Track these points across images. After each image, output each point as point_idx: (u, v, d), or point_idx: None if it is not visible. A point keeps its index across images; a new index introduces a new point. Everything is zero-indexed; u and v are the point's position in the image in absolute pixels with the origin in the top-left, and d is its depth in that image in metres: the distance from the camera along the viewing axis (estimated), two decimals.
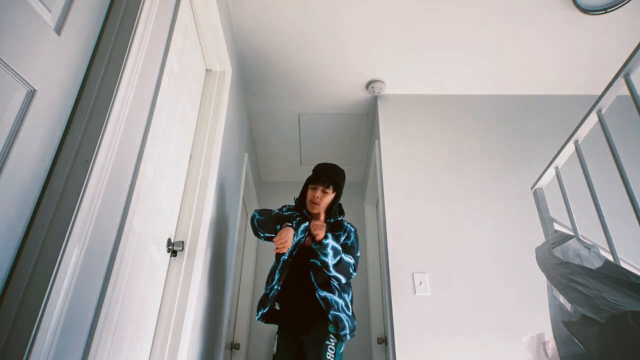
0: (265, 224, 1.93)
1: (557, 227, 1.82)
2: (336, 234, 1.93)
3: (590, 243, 1.54)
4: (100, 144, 0.97)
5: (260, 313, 1.89)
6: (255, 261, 3.83)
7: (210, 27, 2.06)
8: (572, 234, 1.63)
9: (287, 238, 1.75)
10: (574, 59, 2.82)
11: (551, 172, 1.84)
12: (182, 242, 1.77)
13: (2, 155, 0.79)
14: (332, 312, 1.78)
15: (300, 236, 1.88)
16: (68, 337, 0.88)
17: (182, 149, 1.88)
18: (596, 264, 1.37)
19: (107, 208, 1.04)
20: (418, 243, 2.54)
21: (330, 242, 1.80)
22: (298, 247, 1.90)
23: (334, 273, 1.82)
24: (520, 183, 2.63)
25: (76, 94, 1.02)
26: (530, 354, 1.80)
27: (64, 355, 0.87)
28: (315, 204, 1.94)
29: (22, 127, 0.83)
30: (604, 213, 1.44)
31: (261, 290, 3.82)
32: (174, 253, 1.75)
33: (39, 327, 0.78)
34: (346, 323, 1.80)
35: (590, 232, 1.75)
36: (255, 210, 1.99)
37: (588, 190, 1.51)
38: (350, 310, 1.87)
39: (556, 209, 1.88)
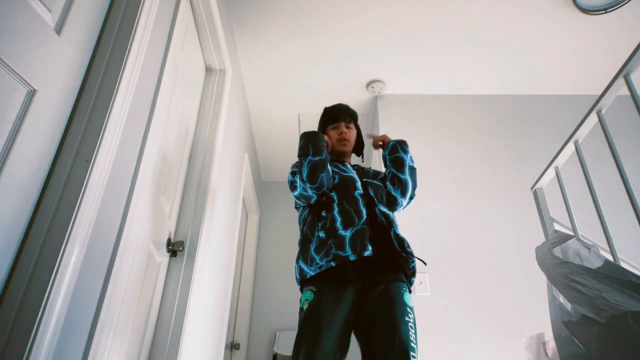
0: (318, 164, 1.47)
1: (557, 227, 1.82)
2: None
3: (590, 243, 1.54)
4: (100, 143, 0.97)
5: (343, 255, 1.31)
6: (255, 261, 3.83)
7: (210, 27, 2.06)
8: (572, 234, 1.63)
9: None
10: (574, 59, 2.82)
11: (551, 172, 1.84)
12: (182, 242, 1.77)
13: (2, 155, 0.79)
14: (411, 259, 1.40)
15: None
16: (68, 337, 0.88)
17: (182, 149, 1.88)
18: (596, 264, 1.37)
19: (107, 208, 1.04)
20: (418, 243, 2.53)
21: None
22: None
23: (406, 176, 1.55)
24: (520, 183, 2.63)
25: (76, 94, 1.01)
26: (530, 354, 1.80)
27: (64, 355, 0.87)
28: (346, 139, 1.70)
29: (22, 127, 0.83)
30: (604, 213, 1.44)
31: (262, 290, 3.84)
32: (174, 253, 1.75)
33: (39, 327, 0.78)
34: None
35: (590, 232, 1.75)
36: (292, 172, 1.61)
37: (588, 190, 1.51)
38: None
39: (556, 209, 1.88)
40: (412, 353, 1.19)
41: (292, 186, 1.58)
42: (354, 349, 1.28)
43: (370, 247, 1.33)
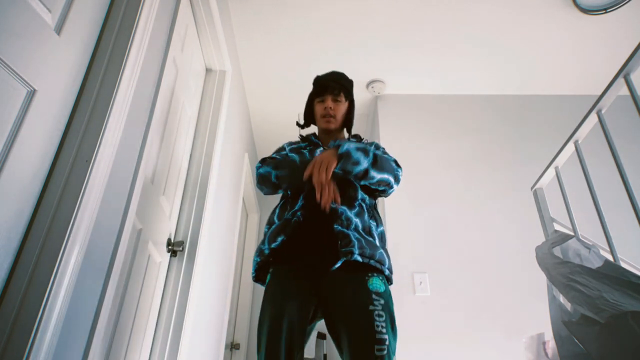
0: (291, 177, 1.33)
1: (557, 227, 1.82)
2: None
3: (590, 243, 1.54)
4: (100, 144, 0.97)
5: (270, 246, 1.26)
6: None
7: (210, 27, 2.06)
8: (572, 234, 1.63)
9: (327, 165, 1.21)
10: (574, 59, 2.82)
11: (551, 172, 1.84)
12: (182, 242, 1.77)
13: (2, 155, 0.79)
14: (336, 226, 1.23)
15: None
16: (68, 337, 0.88)
17: (182, 149, 1.88)
18: (596, 264, 1.37)
19: (107, 208, 1.04)
20: (418, 243, 2.54)
21: (350, 144, 1.28)
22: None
23: (377, 177, 1.29)
24: (520, 183, 2.63)
25: (76, 94, 1.01)
26: (530, 354, 1.80)
27: (64, 355, 0.87)
28: (330, 116, 1.48)
29: (22, 127, 0.83)
30: (604, 213, 1.44)
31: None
32: (174, 253, 1.75)
33: (39, 327, 0.78)
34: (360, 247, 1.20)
35: (590, 232, 1.75)
36: (260, 163, 1.42)
37: (588, 190, 1.51)
38: (374, 238, 1.28)
39: (556, 209, 1.88)
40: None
41: (267, 180, 1.40)
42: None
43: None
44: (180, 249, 1.75)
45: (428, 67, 2.90)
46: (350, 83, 1.61)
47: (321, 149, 1.45)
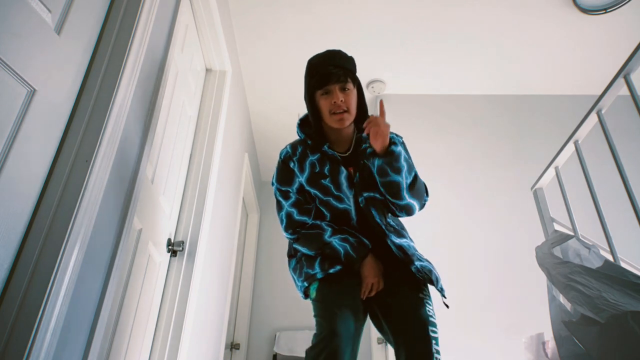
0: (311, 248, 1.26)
1: (557, 227, 1.82)
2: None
3: (590, 243, 1.54)
4: (100, 144, 0.97)
5: (328, 271, 1.18)
6: (255, 261, 3.83)
7: (210, 27, 2.06)
8: (572, 234, 1.63)
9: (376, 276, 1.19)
10: (574, 59, 2.82)
11: (551, 172, 1.84)
12: (182, 242, 1.77)
13: (2, 155, 0.79)
14: (416, 262, 1.19)
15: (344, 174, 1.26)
16: (68, 337, 0.88)
17: (182, 149, 1.88)
18: (596, 264, 1.37)
19: (107, 208, 1.04)
20: (418, 243, 2.53)
21: (401, 150, 1.17)
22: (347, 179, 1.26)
23: (407, 200, 1.20)
24: (520, 183, 2.63)
25: (76, 94, 1.01)
26: (530, 354, 1.80)
27: (64, 355, 0.87)
28: (343, 111, 1.23)
29: (22, 127, 0.83)
30: (604, 213, 1.44)
31: (262, 290, 3.84)
32: (174, 253, 1.75)
33: (39, 327, 0.78)
34: (436, 273, 1.24)
35: (590, 232, 1.75)
36: (289, 232, 1.30)
37: (588, 190, 1.51)
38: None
39: (556, 209, 1.88)
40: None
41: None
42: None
43: None
44: (180, 249, 1.75)
45: (428, 67, 2.90)
46: (352, 63, 1.32)
47: (343, 171, 1.26)
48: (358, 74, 1.32)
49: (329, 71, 1.24)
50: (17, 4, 0.82)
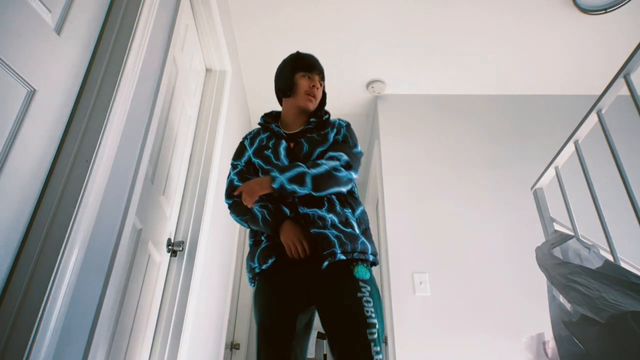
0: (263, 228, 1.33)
1: (557, 227, 1.82)
2: (322, 132, 1.44)
3: (590, 243, 1.54)
4: (100, 143, 0.97)
5: (262, 267, 1.28)
6: None
7: (210, 27, 2.06)
8: (572, 234, 1.63)
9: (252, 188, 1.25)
10: (574, 59, 2.82)
11: (551, 172, 1.84)
12: (182, 242, 1.77)
13: (2, 155, 0.79)
14: (313, 229, 1.24)
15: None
16: (68, 337, 0.88)
17: (182, 149, 1.88)
18: (596, 264, 1.37)
19: (107, 208, 1.04)
20: (418, 243, 2.54)
21: (284, 175, 1.24)
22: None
23: (322, 194, 1.28)
24: (520, 183, 2.63)
25: (76, 94, 1.02)
26: (530, 354, 1.80)
27: (64, 355, 0.87)
28: (314, 96, 1.47)
29: (22, 127, 0.83)
30: (604, 213, 1.44)
31: None
32: (174, 253, 1.75)
33: (39, 327, 0.78)
34: (332, 240, 1.22)
35: (590, 232, 1.75)
36: (228, 205, 1.43)
37: (588, 190, 1.51)
38: (353, 228, 1.28)
39: (556, 209, 1.88)
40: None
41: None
42: None
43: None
44: (180, 249, 1.75)
45: (428, 67, 2.90)
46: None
47: (284, 143, 1.41)
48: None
49: (316, 63, 1.51)
50: (17, 4, 0.82)
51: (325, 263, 1.19)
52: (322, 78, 1.53)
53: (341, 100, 3.20)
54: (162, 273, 1.67)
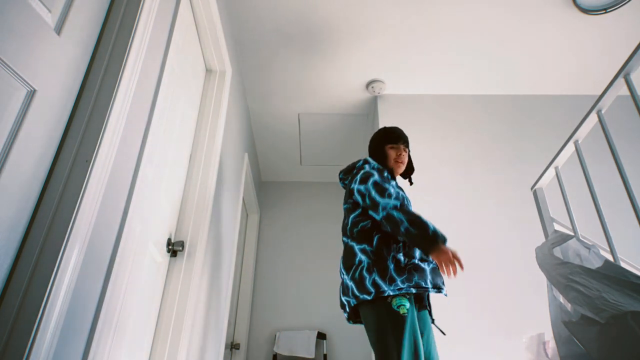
0: (419, 240, 1.48)
1: (557, 227, 1.82)
2: None
3: (590, 243, 1.54)
4: (100, 144, 0.97)
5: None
6: (255, 261, 3.83)
7: (210, 27, 2.06)
8: (572, 234, 1.63)
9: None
10: (574, 59, 2.82)
11: (551, 172, 1.84)
12: (182, 242, 1.77)
13: (2, 155, 0.79)
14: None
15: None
16: (68, 337, 0.88)
17: (182, 149, 1.88)
18: (596, 264, 1.37)
19: (107, 208, 1.04)
20: None
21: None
22: None
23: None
24: (520, 183, 2.63)
25: (76, 94, 1.02)
26: (530, 354, 1.80)
27: (64, 355, 0.87)
28: (402, 162, 1.79)
29: (22, 127, 0.83)
30: (604, 213, 1.44)
31: (262, 290, 3.84)
32: (174, 253, 1.75)
33: (39, 327, 0.78)
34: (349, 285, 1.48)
35: (590, 232, 1.75)
36: (396, 206, 1.53)
37: (588, 190, 1.51)
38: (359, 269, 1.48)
39: (556, 209, 1.88)
40: None
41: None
42: None
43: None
44: (180, 249, 1.75)
45: (428, 67, 2.90)
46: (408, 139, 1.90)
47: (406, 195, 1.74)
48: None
49: (400, 135, 1.84)
50: (17, 4, 0.82)
51: (346, 313, 1.58)
52: (407, 147, 1.84)
53: (341, 100, 3.21)
54: (162, 273, 1.67)
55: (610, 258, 1.39)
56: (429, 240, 1.40)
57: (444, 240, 1.41)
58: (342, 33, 2.63)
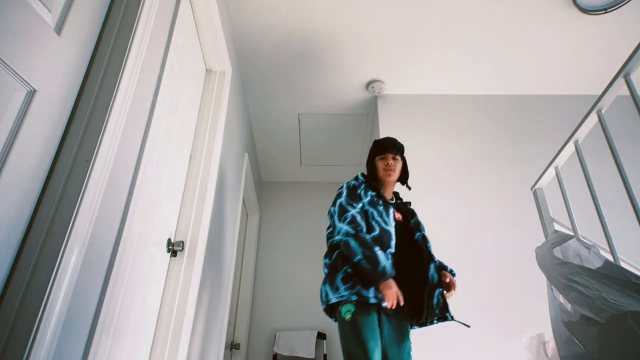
0: (371, 275, 1.59)
1: (557, 227, 1.82)
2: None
3: (590, 243, 1.54)
4: (100, 144, 0.97)
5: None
6: (255, 261, 3.84)
7: (210, 27, 2.06)
8: (572, 234, 1.63)
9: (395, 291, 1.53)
10: (574, 59, 2.82)
11: (551, 172, 1.84)
12: (182, 242, 1.77)
13: (2, 155, 0.79)
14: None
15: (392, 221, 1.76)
16: (68, 337, 0.88)
17: (182, 149, 1.88)
18: (596, 264, 1.37)
19: (107, 208, 1.04)
20: None
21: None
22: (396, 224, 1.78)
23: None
24: (520, 183, 2.63)
25: (76, 93, 1.01)
26: (530, 354, 1.80)
27: (64, 355, 0.87)
28: (390, 170, 1.87)
29: (22, 127, 0.83)
30: (604, 213, 1.44)
31: (262, 290, 3.84)
32: (174, 253, 1.75)
33: (39, 327, 0.78)
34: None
35: (590, 232, 1.75)
36: (349, 230, 1.65)
37: (588, 190, 1.51)
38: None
39: (556, 209, 1.88)
40: None
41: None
42: None
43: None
44: (180, 249, 1.75)
45: (428, 67, 2.90)
46: (402, 146, 1.95)
47: (391, 208, 1.79)
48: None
49: (387, 145, 1.90)
50: (17, 3, 0.82)
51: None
52: (396, 153, 1.89)
53: (341, 100, 3.20)
54: (162, 273, 1.67)
55: (610, 258, 1.39)
56: (379, 275, 1.52)
57: (391, 275, 1.54)
58: (342, 33, 2.63)
